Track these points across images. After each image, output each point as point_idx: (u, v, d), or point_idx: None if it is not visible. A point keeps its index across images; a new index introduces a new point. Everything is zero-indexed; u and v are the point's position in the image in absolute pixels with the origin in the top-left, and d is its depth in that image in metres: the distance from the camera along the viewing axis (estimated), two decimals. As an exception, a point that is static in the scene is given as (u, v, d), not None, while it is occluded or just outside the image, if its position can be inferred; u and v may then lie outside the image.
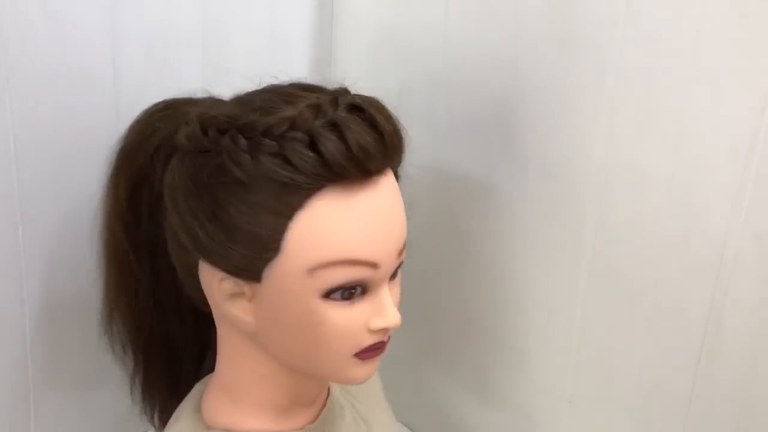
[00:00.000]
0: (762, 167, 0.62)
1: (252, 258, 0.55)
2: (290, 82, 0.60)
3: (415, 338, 1.00)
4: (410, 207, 0.61)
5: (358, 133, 0.53)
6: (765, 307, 0.64)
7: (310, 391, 0.66)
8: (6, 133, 0.74)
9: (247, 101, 0.59)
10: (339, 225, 0.54)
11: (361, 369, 0.60)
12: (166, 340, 0.71)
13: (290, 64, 0.94)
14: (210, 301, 0.62)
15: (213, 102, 0.62)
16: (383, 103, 0.57)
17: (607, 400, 0.78)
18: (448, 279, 0.93)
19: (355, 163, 0.53)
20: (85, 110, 0.77)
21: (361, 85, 0.60)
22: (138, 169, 0.63)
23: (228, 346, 0.63)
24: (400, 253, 0.59)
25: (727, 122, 0.63)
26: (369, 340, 0.58)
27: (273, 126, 0.53)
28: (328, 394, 0.70)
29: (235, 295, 0.58)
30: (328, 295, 0.55)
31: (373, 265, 0.56)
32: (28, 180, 0.76)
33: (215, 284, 0.58)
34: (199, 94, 0.65)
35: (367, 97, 0.57)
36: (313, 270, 0.54)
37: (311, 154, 0.52)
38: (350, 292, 0.56)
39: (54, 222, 0.79)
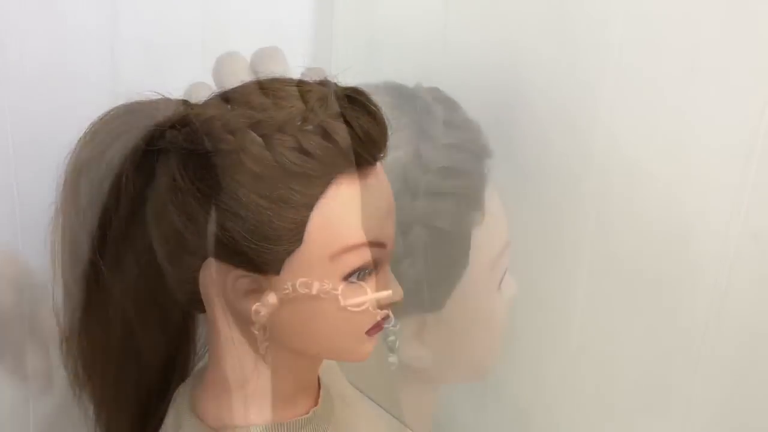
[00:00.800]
0: (762, 167, 0.62)
1: (275, 252, 0.56)
2: (266, 77, 0.61)
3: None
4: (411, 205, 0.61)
5: (363, 121, 0.56)
6: (765, 307, 0.64)
7: (313, 375, 0.68)
8: (5, 132, 0.74)
9: (232, 99, 0.58)
10: (355, 210, 0.57)
11: (369, 345, 0.63)
12: (136, 358, 0.69)
13: (289, 65, 0.94)
14: (212, 302, 0.61)
15: (178, 103, 0.61)
16: (366, 91, 0.59)
17: (606, 399, 0.78)
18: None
19: (365, 149, 0.56)
20: (83, 109, 0.77)
21: (361, 85, 0.60)
22: (100, 179, 0.61)
23: (231, 345, 0.63)
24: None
25: (727, 122, 0.63)
26: (377, 317, 0.61)
27: (287, 122, 0.55)
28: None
29: (251, 291, 0.58)
30: (346, 278, 0.58)
31: (383, 245, 0.59)
32: (28, 179, 0.76)
33: (229, 283, 0.58)
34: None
35: (354, 87, 0.59)
36: (335, 256, 0.57)
37: (328, 144, 0.55)
38: (364, 273, 0.59)
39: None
